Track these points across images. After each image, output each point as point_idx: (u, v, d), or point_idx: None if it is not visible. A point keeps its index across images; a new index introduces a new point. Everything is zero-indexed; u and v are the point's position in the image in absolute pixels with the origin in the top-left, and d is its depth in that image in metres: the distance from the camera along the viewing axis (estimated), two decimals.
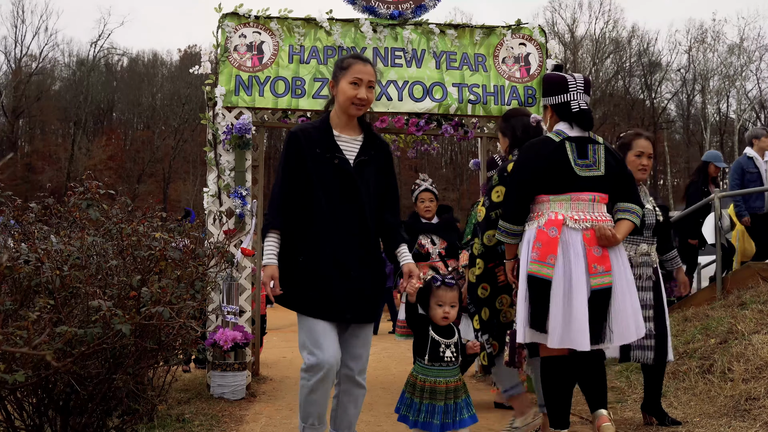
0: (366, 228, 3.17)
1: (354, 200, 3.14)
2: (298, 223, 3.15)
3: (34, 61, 35.63)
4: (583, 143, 3.48)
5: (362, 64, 3.15)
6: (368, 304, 3.19)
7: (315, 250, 3.10)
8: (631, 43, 35.45)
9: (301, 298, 3.09)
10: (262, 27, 5.70)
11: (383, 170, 3.29)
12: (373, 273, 3.20)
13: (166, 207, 29.79)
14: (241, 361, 5.32)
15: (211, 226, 5.53)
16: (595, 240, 3.35)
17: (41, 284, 2.85)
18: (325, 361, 2.99)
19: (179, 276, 3.54)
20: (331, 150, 3.15)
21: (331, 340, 3.06)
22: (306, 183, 3.13)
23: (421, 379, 3.34)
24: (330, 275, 3.08)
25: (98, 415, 3.33)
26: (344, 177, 3.14)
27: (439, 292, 3.36)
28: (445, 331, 3.40)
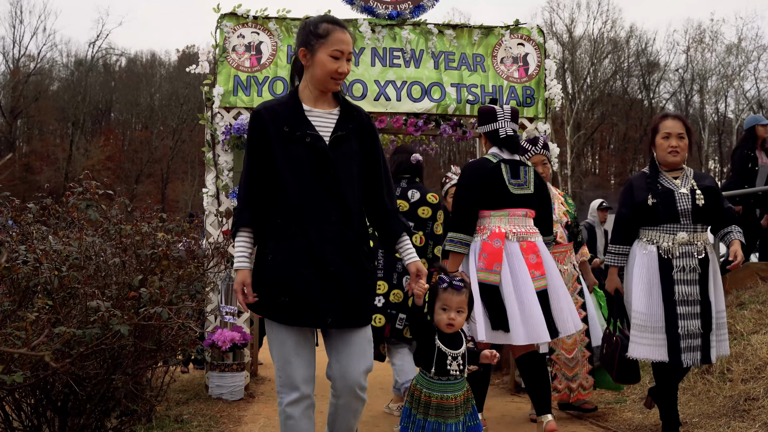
0: (347, 215, 2.69)
1: (330, 184, 2.66)
2: (270, 216, 2.70)
3: (32, 62, 35.63)
4: (515, 165, 4.01)
5: (341, 32, 2.70)
6: (354, 305, 2.67)
7: (286, 245, 2.63)
8: (630, 43, 35.50)
9: (272, 303, 2.63)
10: (260, 27, 5.70)
11: (367, 146, 2.81)
12: (358, 268, 2.70)
13: (164, 207, 29.78)
14: (239, 362, 5.32)
15: (209, 226, 5.52)
16: (530, 250, 3.87)
17: (40, 285, 2.84)
18: (298, 381, 2.63)
19: (179, 276, 3.54)
20: (302, 126, 2.69)
21: (306, 355, 2.67)
22: (276, 167, 2.67)
23: (426, 394, 2.97)
24: (305, 273, 2.60)
25: (96, 416, 3.33)
26: (318, 157, 2.66)
27: (445, 295, 2.98)
28: (453, 341, 3.00)
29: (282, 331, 2.66)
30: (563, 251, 4.59)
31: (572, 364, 4.53)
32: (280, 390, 2.67)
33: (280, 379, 2.67)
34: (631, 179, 4.17)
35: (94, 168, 30.80)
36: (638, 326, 3.88)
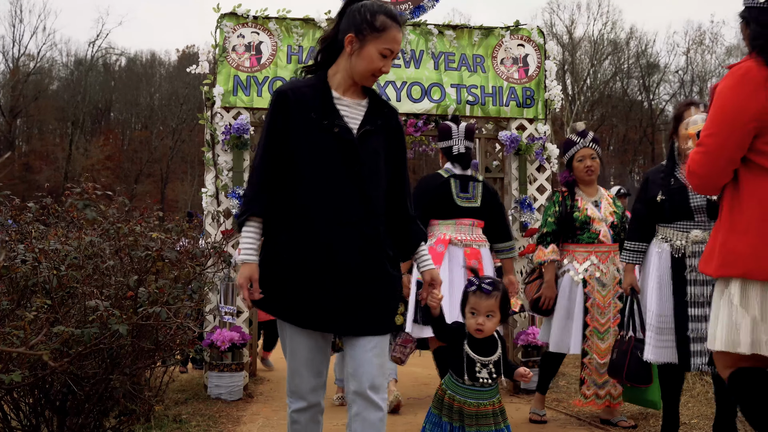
0: (371, 215, 2.48)
1: (356, 180, 2.45)
2: (284, 208, 2.47)
3: (31, 61, 35.62)
4: (465, 180, 4.47)
5: (397, 30, 2.51)
6: (375, 311, 2.46)
7: (301, 242, 2.42)
8: (630, 44, 35.51)
9: (284, 303, 2.45)
10: (260, 27, 5.70)
11: (394, 145, 2.61)
12: (381, 273, 2.49)
13: (164, 207, 29.77)
14: (238, 362, 5.32)
15: (208, 226, 5.52)
16: (473, 256, 4.28)
17: (38, 284, 2.84)
18: (305, 390, 2.49)
19: (176, 276, 3.53)
20: (330, 115, 2.46)
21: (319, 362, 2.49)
22: (295, 156, 2.45)
23: (449, 396, 2.83)
24: (321, 275, 2.41)
25: (95, 416, 3.32)
26: (345, 150, 2.45)
27: (474, 299, 2.82)
28: (485, 347, 2.82)
29: (296, 335, 2.46)
30: (606, 251, 4.44)
31: (603, 370, 4.35)
32: (289, 394, 2.54)
33: (289, 385, 2.53)
34: (648, 173, 4.06)
35: (93, 168, 30.83)
36: (652, 327, 3.76)
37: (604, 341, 4.32)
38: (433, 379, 6.38)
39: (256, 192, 2.46)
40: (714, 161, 2.44)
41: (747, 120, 2.37)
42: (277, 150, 2.48)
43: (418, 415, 4.68)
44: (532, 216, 5.81)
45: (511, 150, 5.82)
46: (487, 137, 6.26)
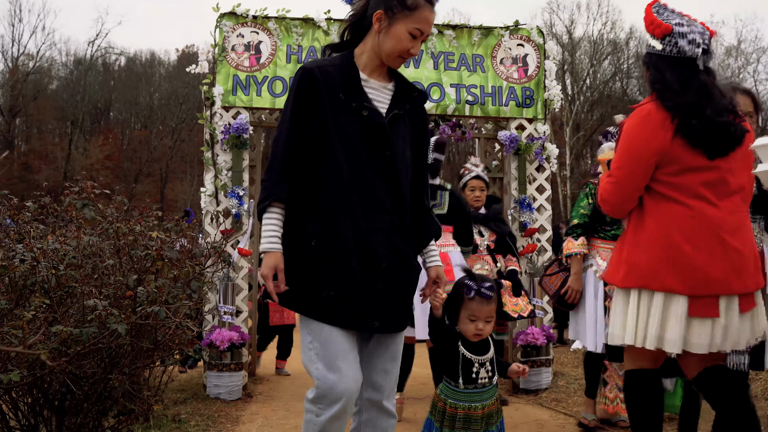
0: (400, 204, 2.37)
1: (386, 166, 2.32)
2: (310, 194, 2.32)
3: (31, 60, 35.59)
4: (434, 189, 4.65)
5: (430, 10, 2.36)
6: (400, 306, 2.37)
7: (333, 231, 2.27)
8: (629, 44, 35.51)
9: (314, 298, 2.27)
10: (259, 27, 5.69)
11: (419, 132, 2.49)
12: (409, 266, 2.39)
13: (163, 207, 29.77)
14: (237, 362, 5.31)
15: (208, 225, 5.52)
16: (442, 259, 4.19)
17: (37, 283, 2.84)
18: (345, 390, 2.22)
19: (176, 276, 3.53)
20: (358, 97, 2.33)
21: (352, 360, 2.27)
22: (323, 139, 2.30)
23: (451, 405, 2.65)
24: (352, 267, 2.26)
25: (94, 415, 3.32)
26: (375, 134, 2.32)
27: (473, 305, 2.65)
28: (478, 346, 2.71)
29: (324, 330, 2.26)
30: None
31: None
32: (317, 401, 2.25)
33: (319, 389, 2.24)
34: None
35: (93, 167, 30.81)
36: None
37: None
38: (431, 379, 6.38)
39: (279, 176, 2.29)
40: (623, 190, 2.83)
41: (649, 155, 2.74)
42: (303, 131, 2.31)
43: (418, 414, 4.68)
44: (531, 216, 5.80)
45: (511, 150, 5.82)
46: (487, 137, 6.25)
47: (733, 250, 2.71)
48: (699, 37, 2.79)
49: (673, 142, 2.72)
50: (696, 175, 2.73)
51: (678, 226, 2.73)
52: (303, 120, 2.32)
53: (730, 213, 2.75)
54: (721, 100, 2.77)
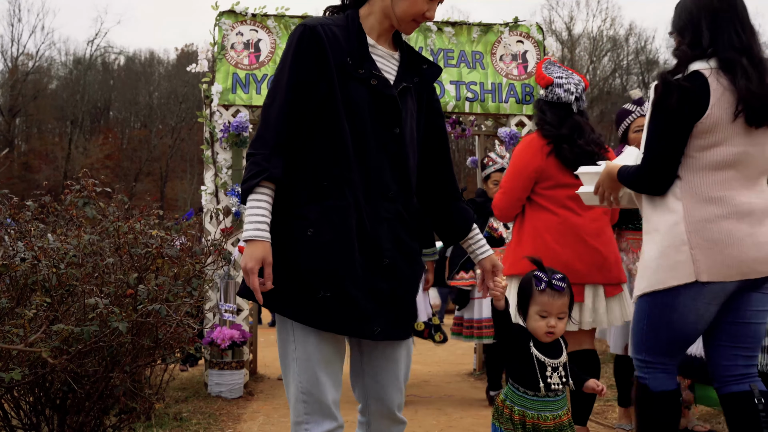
0: (407, 191, 2.06)
1: (393, 146, 2.01)
2: (306, 174, 1.97)
3: (30, 60, 35.57)
4: None
5: None
6: (403, 309, 2.05)
7: (335, 218, 1.93)
8: (629, 41, 35.49)
9: (306, 300, 1.91)
10: (259, 25, 5.69)
11: (429, 109, 2.18)
12: (413, 262, 2.08)
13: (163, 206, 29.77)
14: (238, 360, 5.32)
15: (208, 224, 5.52)
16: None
17: (38, 282, 2.84)
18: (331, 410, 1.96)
19: (176, 274, 3.53)
20: (366, 64, 2.01)
21: (335, 373, 1.99)
22: (325, 109, 1.97)
23: (518, 412, 2.35)
24: (354, 263, 1.93)
25: (95, 414, 3.32)
26: (384, 107, 2.00)
27: (544, 299, 2.36)
28: (551, 348, 2.40)
29: (311, 337, 1.94)
30: None
31: None
32: (306, 419, 1.95)
33: (306, 405, 1.94)
34: None
35: (93, 166, 30.77)
36: None
37: None
38: (432, 377, 6.39)
39: (271, 149, 1.91)
40: (509, 199, 3.60)
41: (530, 172, 3.53)
42: (303, 98, 1.96)
43: (419, 412, 4.68)
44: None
45: (511, 147, 5.82)
46: (487, 134, 6.26)
47: (594, 250, 3.42)
48: (573, 88, 3.61)
49: (549, 163, 3.49)
50: (565, 190, 3.45)
51: (548, 229, 3.46)
52: (303, 84, 1.96)
53: (591, 221, 3.46)
54: (590, 134, 3.56)
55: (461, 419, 4.54)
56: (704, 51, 2.46)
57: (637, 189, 2.59)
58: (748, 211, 2.41)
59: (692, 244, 2.40)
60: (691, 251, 2.39)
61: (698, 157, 2.43)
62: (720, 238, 2.39)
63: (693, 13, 2.53)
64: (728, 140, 2.40)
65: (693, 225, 2.40)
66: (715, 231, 2.39)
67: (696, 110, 2.38)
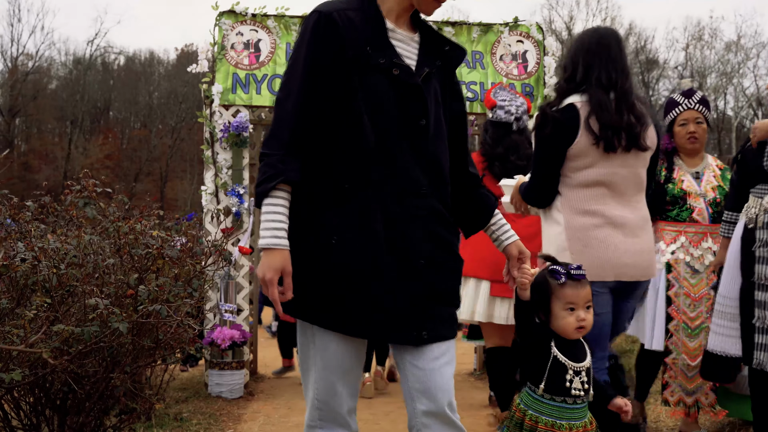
0: (440, 185, 1.94)
1: (420, 139, 1.88)
2: (326, 175, 1.84)
3: (30, 60, 35.58)
4: None
5: None
6: (448, 307, 1.94)
7: (359, 222, 1.81)
8: (629, 40, 35.47)
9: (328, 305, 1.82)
10: (259, 25, 5.69)
11: (452, 93, 2.04)
12: (450, 256, 1.96)
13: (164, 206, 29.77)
14: (238, 360, 5.32)
15: (208, 224, 5.52)
16: None
17: (38, 282, 2.84)
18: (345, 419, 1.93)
19: (177, 274, 3.53)
20: (386, 52, 1.86)
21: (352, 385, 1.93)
22: (344, 103, 1.83)
23: (531, 417, 2.20)
24: (386, 265, 1.81)
25: (96, 414, 3.32)
26: (407, 98, 1.86)
27: (566, 291, 2.23)
28: (575, 350, 2.25)
29: (332, 345, 1.86)
30: (700, 232, 3.77)
31: (692, 374, 3.70)
32: (320, 425, 1.93)
33: (321, 413, 1.91)
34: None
35: (92, 166, 30.78)
36: (716, 312, 3.41)
37: (694, 339, 3.69)
38: None
39: (287, 149, 1.78)
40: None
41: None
42: (320, 92, 1.82)
43: None
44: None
45: None
46: None
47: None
48: (514, 109, 4.17)
49: (486, 178, 3.87)
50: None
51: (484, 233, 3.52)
52: (320, 77, 1.81)
53: (525, 227, 3.63)
54: (525, 150, 3.95)
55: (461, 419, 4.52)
56: (578, 86, 2.79)
57: (527, 202, 3.00)
58: (621, 223, 2.71)
59: (572, 249, 2.71)
60: (572, 255, 2.67)
61: (573, 177, 2.77)
62: (595, 244, 2.69)
63: (574, 53, 2.88)
64: (596, 163, 2.72)
65: (572, 233, 2.72)
66: (591, 237, 2.70)
67: (567, 138, 2.72)
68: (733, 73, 31.49)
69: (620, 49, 2.85)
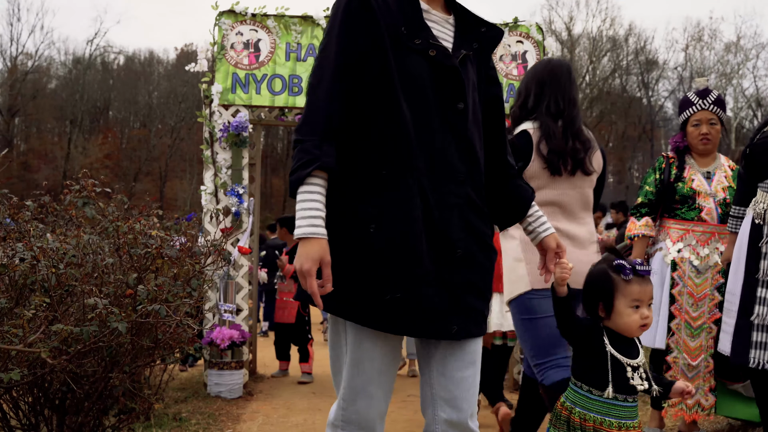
0: (476, 173, 1.85)
1: (458, 123, 1.80)
2: (362, 161, 1.76)
3: (29, 60, 35.57)
4: None
5: None
6: (480, 302, 1.85)
7: (398, 211, 1.72)
8: (628, 41, 35.49)
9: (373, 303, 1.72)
10: (258, 24, 5.69)
11: (487, 77, 1.96)
12: (484, 249, 1.86)
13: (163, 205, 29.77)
14: (238, 360, 5.31)
15: (207, 224, 5.52)
16: None
17: (37, 282, 2.83)
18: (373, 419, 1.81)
19: (176, 274, 3.53)
20: (422, 33, 1.79)
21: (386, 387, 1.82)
22: (380, 86, 1.75)
23: (578, 414, 2.12)
24: (423, 258, 1.73)
25: (95, 414, 3.32)
26: (446, 81, 1.79)
27: (634, 288, 2.10)
28: (628, 346, 2.15)
29: (365, 343, 1.76)
30: (708, 232, 3.75)
31: (693, 374, 3.69)
32: (342, 426, 1.82)
33: (345, 412, 1.81)
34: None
35: (92, 166, 30.78)
36: (725, 310, 3.36)
37: (695, 339, 3.68)
38: None
39: (322, 134, 1.70)
40: None
41: None
42: (355, 75, 1.74)
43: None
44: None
45: None
46: None
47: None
48: None
49: None
50: None
51: None
52: (354, 59, 1.74)
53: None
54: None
55: None
56: (529, 112, 3.02)
57: None
58: (573, 236, 2.93)
59: (527, 260, 2.90)
60: (527, 266, 2.89)
61: None
62: None
63: (527, 81, 3.10)
64: (548, 185, 2.94)
65: (526, 245, 2.88)
66: None
67: (523, 161, 2.93)
68: (732, 74, 31.50)
69: (570, 81, 3.05)
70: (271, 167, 35.00)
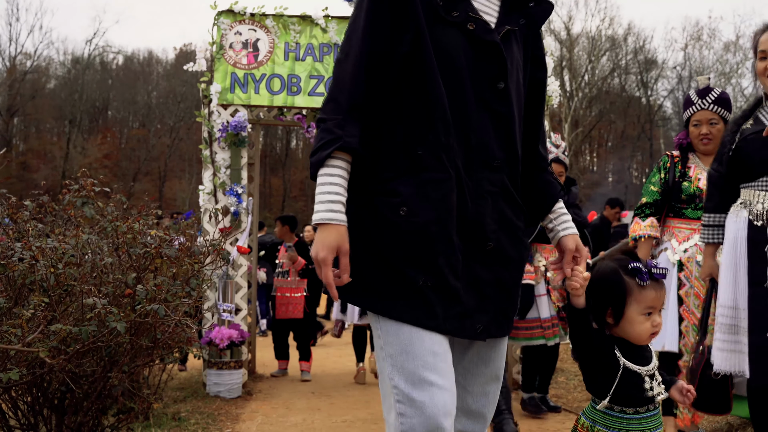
0: (513, 158, 1.70)
1: (499, 104, 1.65)
2: (393, 141, 1.63)
3: (28, 60, 35.55)
4: None
5: None
6: (508, 301, 1.70)
7: (432, 192, 1.58)
8: (627, 40, 35.50)
9: (395, 290, 1.57)
10: (257, 24, 5.69)
11: (537, 58, 1.81)
12: (515, 243, 1.71)
13: (162, 205, 29.75)
14: (237, 360, 5.32)
15: (206, 223, 5.52)
16: None
17: (36, 282, 2.84)
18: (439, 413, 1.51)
19: (174, 273, 3.53)
20: (461, 4, 1.64)
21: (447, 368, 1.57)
22: (413, 61, 1.62)
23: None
24: (455, 247, 1.59)
25: (93, 414, 3.32)
26: (485, 58, 1.64)
27: (650, 294, 1.90)
28: (639, 354, 1.94)
29: (404, 329, 1.56)
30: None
31: None
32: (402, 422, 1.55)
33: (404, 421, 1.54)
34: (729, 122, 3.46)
35: (91, 166, 30.77)
36: (721, 325, 2.97)
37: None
38: None
39: (346, 113, 1.58)
40: None
41: None
42: (386, 48, 1.60)
43: None
44: None
45: None
46: None
47: None
48: None
49: None
50: None
51: None
52: (385, 32, 1.60)
53: None
54: None
55: None
56: None
57: None
58: None
59: None
60: None
61: None
62: None
63: None
64: None
65: None
66: None
67: None
68: (731, 74, 31.52)
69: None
70: (269, 167, 35.01)
